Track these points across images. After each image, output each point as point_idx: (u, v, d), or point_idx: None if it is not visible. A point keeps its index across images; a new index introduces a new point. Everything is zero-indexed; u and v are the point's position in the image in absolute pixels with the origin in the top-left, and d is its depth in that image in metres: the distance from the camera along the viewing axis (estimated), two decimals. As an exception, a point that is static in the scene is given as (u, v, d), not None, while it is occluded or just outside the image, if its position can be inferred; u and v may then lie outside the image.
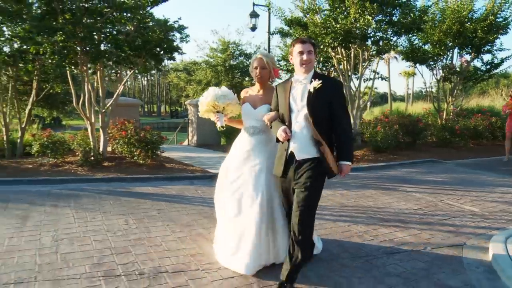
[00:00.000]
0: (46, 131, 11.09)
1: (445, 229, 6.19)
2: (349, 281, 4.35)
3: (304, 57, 3.94)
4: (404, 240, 5.68)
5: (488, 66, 17.54)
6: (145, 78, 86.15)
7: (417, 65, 17.71)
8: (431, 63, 17.53)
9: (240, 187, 4.46)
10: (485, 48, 16.79)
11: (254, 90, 4.70)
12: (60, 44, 9.58)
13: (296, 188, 3.98)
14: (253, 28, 19.52)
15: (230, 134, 17.63)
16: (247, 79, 28.40)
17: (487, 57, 27.65)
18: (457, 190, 8.94)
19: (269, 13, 17.70)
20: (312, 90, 3.91)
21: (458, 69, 17.53)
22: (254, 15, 19.28)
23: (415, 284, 4.29)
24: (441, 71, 17.62)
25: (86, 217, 6.49)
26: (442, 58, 17.28)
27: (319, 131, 3.89)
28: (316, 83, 3.89)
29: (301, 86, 4.02)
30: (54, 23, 9.70)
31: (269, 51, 19.27)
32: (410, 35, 15.89)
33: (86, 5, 9.97)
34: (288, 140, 3.99)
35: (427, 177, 10.45)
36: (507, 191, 8.87)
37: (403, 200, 7.96)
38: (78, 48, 10.19)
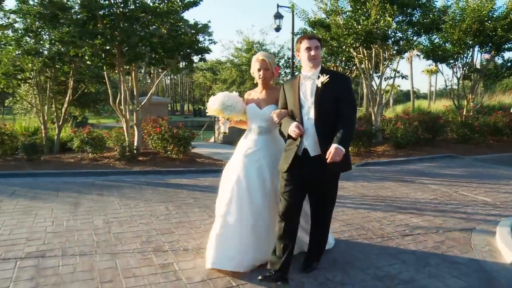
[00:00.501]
0: (86, 128, 11.94)
1: (457, 216, 6.71)
2: (366, 256, 4.93)
3: (312, 52, 4.00)
4: (418, 224, 6.23)
5: (509, 64, 17.87)
6: (168, 77, 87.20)
7: (438, 63, 18.12)
8: (451, 61, 17.90)
9: (242, 187, 4.35)
10: (506, 46, 17.13)
11: (257, 92, 4.67)
12: (100, 47, 10.38)
13: (315, 185, 4.11)
14: (278, 29, 20.14)
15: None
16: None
17: (508, 54, 27.83)
18: (472, 182, 9.42)
19: (293, 14, 18.25)
20: (319, 85, 3.97)
21: (478, 67, 17.89)
22: (278, 16, 19.90)
23: (426, 260, 4.85)
24: (461, 69, 17.99)
25: (130, 204, 7.21)
26: (462, 56, 17.64)
27: (326, 126, 3.94)
28: (324, 78, 3.94)
29: (310, 82, 4.06)
30: (95, 28, 10.49)
31: (292, 51, 19.89)
32: (430, 35, 16.28)
33: (123, 11, 10.75)
34: (301, 136, 4.01)
35: (444, 171, 10.93)
36: (520, 184, 9.34)
37: (420, 191, 8.49)
38: (116, 51, 10.97)
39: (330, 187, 4.17)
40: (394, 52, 14.99)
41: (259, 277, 4.01)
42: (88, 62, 12.18)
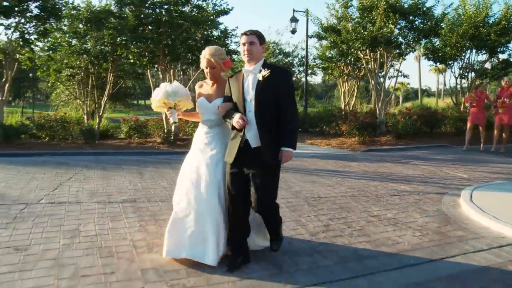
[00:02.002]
0: (133, 117, 13.93)
1: (437, 185, 8.52)
2: (364, 206, 6.78)
3: (246, 47, 4.05)
4: (405, 189, 8.07)
5: (503, 65, 19.61)
6: (193, 74, 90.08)
7: (437, 64, 19.91)
8: (450, 62, 19.66)
9: (198, 179, 4.35)
10: (499, 49, 18.84)
11: (208, 84, 4.63)
12: (145, 48, 12.35)
13: (254, 175, 4.11)
14: (293, 31, 21.93)
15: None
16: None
17: (503, 56, 29.43)
18: (456, 165, 11.22)
19: (307, 19, 20.05)
20: (260, 79, 4.01)
21: (475, 68, 19.64)
22: (294, 19, 21.68)
23: (405, 208, 6.67)
24: (458, 69, 19.76)
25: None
26: (459, 58, 19.39)
27: (264, 119, 4.03)
28: (264, 72, 4.00)
29: (252, 76, 4.09)
30: (143, 33, 12.47)
31: (306, 51, 21.73)
32: (428, 39, 18.05)
33: (167, 19, 12.70)
34: (244, 128, 4.04)
35: (435, 157, 12.72)
36: (496, 166, 11.09)
37: (411, 169, 10.32)
38: (159, 52, 12.94)
39: (269, 177, 4.14)
40: (396, 54, 16.81)
41: (225, 269, 4.12)
42: (131, 61, 14.18)
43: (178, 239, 4.32)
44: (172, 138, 12.98)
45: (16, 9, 12.99)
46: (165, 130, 13.18)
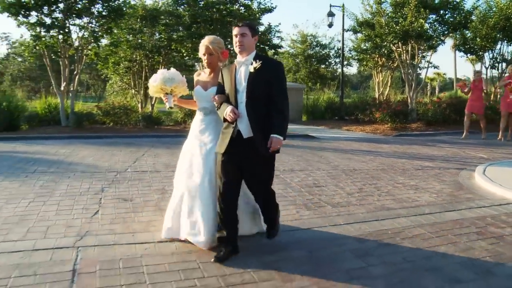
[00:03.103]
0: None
1: (457, 163, 9.71)
2: (392, 176, 8.07)
3: (237, 39, 4.06)
4: (429, 165, 9.30)
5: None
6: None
7: (468, 55, 20.76)
8: (480, 53, 20.49)
9: (191, 165, 4.48)
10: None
11: (206, 73, 4.70)
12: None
13: (248, 165, 4.15)
14: (330, 25, 23.14)
15: (313, 111, 21.60)
16: (323, 66, 32.13)
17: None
18: (478, 147, 12.32)
19: (343, 13, 21.22)
20: (252, 70, 4.01)
21: (506, 58, 20.43)
22: (330, 14, 22.86)
23: (426, 179, 7.93)
24: (488, 60, 20.60)
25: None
26: (488, 49, 20.19)
27: (255, 110, 4.03)
28: (256, 64, 3.99)
29: (244, 68, 4.09)
30: (198, 30, 13.99)
31: (342, 44, 22.88)
32: (458, 32, 18.96)
33: (218, 17, 14.20)
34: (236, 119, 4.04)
35: (461, 141, 13.83)
36: (515, 148, 12.21)
37: (436, 151, 11.51)
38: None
39: (263, 167, 4.20)
40: (427, 47, 17.85)
41: (212, 259, 4.09)
42: (184, 55, 15.79)
43: (176, 221, 4.54)
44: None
45: (87, 10, 14.65)
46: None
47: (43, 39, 14.51)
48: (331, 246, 4.49)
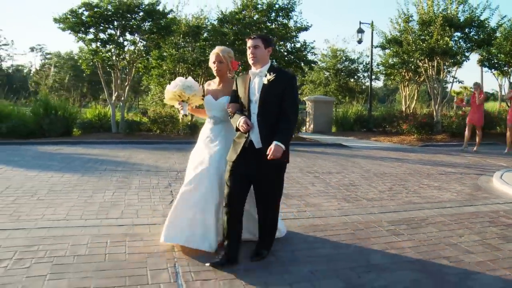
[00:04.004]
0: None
1: (478, 169, 10.62)
2: (418, 179, 9.08)
3: (250, 51, 4.13)
4: (451, 171, 10.25)
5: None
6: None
7: (492, 70, 21.52)
8: (505, 68, 21.22)
9: (201, 171, 4.46)
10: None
11: (215, 83, 4.75)
12: (244, 58, 15.09)
13: (259, 176, 4.17)
14: (359, 41, 24.19)
15: (343, 123, 22.59)
16: (352, 80, 33.16)
17: None
18: (499, 157, 13.18)
19: (372, 30, 22.26)
20: (266, 82, 4.05)
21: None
22: (360, 31, 23.94)
23: (448, 182, 8.91)
24: (511, 75, 21.34)
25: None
26: (512, 65, 20.96)
27: (267, 121, 4.07)
28: (270, 76, 4.04)
29: (258, 79, 4.13)
30: (240, 46, 15.24)
31: (371, 60, 23.91)
32: (483, 48, 19.79)
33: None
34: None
35: (483, 151, 14.66)
36: (534, 158, 13.05)
37: (459, 159, 12.44)
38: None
39: (273, 178, 4.22)
40: (452, 63, 18.78)
41: (207, 264, 4.11)
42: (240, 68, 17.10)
43: (177, 226, 4.53)
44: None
45: (139, 28, 16.09)
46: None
47: (100, 53, 15.96)
48: (369, 228, 5.56)
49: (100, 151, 12.58)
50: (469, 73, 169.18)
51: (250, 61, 4.16)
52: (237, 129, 4.15)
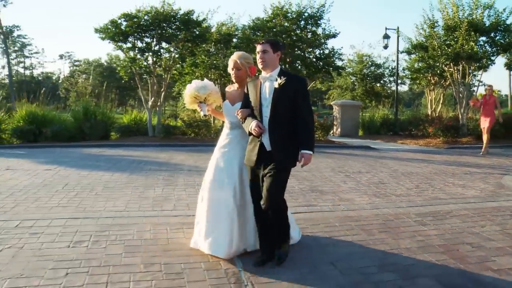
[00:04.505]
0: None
1: (502, 170, 10.99)
2: (443, 178, 9.56)
3: (259, 56, 4.16)
4: (476, 171, 10.68)
5: None
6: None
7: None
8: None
9: (216, 175, 4.58)
10: None
11: (234, 87, 4.77)
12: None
13: (267, 174, 4.19)
14: (385, 47, 24.65)
15: (369, 127, 23.02)
16: (378, 84, 33.58)
17: None
18: (524, 158, 13.59)
19: (398, 35, 22.72)
20: (277, 86, 4.09)
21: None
22: (386, 36, 24.39)
23: (473, 181, 9.35)
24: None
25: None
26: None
27: (278, 124, 4.12)
28: (281, 80, 4.08)
29: (269, 83, 4.16)
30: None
31: (397, 65, 24.34)
32: (508, 52, 20.10)
33: (289, 42, 16.10)
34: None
35: (507, 153, 15.03)
36: (558, 160, 13.36)
37: (484, 160, 12.85)
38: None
39: (278, 175, 4.18)
40: (477, 67, 19.11)
41: (252, 264, 4.29)
42: (257, 75, 17.73)
43: (198, 232, 4.75)
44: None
45: (175, 37, 16.93)
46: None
47: (137, 61, 16.85)
48: (398, 219, 6.12)
49: (141, 153, 13.38)
50: (498, 75, 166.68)
51: (260, 66, 4.22)
52: (250, 133, 4.20)
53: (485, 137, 14.44)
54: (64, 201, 6.97)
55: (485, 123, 14.34)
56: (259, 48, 4.19)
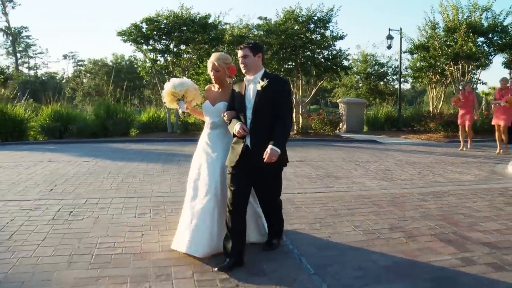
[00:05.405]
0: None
1: (497, 160, 11.95)
2: (442, 166, 10.61)
3: (240, 60, 4.19)
4: (473, 161, 11.69)
5: None
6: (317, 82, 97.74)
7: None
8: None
9: (198, 176, 4.56)
10: None
11: (215, 88, 4.71)
12: (285, 65, 16.86)
13: (258, 178, 4.26)
14: (389, 47, 25.67)
15: (374, 123, 24.05)
16: (381, 83, 34.62)
17: None
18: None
19: (401, 36, 23.73)
20: (259, 88, 4.10)
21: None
22: (389, 37, 25.40)
23: (469, 168, 10.37)
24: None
25: (328, 150, 13.40)
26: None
27: (262, 126, 4.11)
28: (263, 82, 4.08)
29: (252, 85, 4.18)
30: (284, 54, 17.03)
31: (400, 64, 25.33)
32: (506, 52, 21.09)
33: (300, 44, 17.18)
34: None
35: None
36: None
37: (481, 151, 13.87)
38: (295, 68, 17.45)
39: (271, 180, 4.33)
40: (475, 66, 20.18)
41: (215, 268, 4.09)
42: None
43: (180, 233, 4.65)
44: (301, 130, 17.46)
45: (193, 39, 18.06)
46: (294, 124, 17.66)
47: (158, 61, 18.01)
48: (403, 197, 7.18)
49: (164, 147, 14.47)
50: (498, 72, 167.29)
51: (243, 71, 4.25)
52: (234, 135, 4.20)
53: (469, 135, 14.46)
54: (114, 185, 8.08)
55: (464, 121, 14.12)
56: (239, 53, 4.23)
